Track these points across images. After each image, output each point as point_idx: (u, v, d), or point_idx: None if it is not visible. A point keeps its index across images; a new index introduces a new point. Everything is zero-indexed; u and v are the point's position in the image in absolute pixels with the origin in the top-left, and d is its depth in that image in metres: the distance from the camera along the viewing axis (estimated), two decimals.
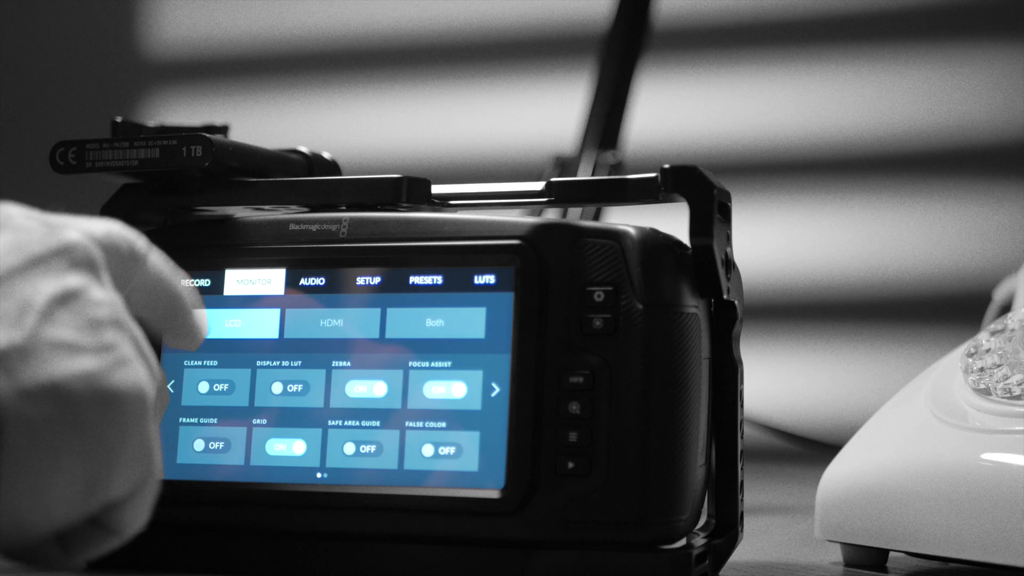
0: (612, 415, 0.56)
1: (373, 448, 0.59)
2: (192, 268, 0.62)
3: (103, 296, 0.42)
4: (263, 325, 0.61)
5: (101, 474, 0.41)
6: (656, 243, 0.57)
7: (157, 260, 0.48)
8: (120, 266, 0.45)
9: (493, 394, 0.57)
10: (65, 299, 0.41)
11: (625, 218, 0.61)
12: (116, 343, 0.42)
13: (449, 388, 0.58)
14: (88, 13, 1.80)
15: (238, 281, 0.62)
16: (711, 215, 0.57)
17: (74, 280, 0.42)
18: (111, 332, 0.42)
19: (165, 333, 0.50)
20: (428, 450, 0.58)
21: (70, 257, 0.42)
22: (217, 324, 0.62)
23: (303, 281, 0.61)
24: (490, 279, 0.58)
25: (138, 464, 0.42)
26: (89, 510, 0.42)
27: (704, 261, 0.57)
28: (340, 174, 0.67)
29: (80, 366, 0.40)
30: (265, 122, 1.67)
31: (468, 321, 0.58)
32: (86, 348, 0.41)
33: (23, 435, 0.38)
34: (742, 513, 0.59)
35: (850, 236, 1.42)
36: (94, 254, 0.43)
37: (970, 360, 0.64)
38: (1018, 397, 0.61)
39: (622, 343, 0.56)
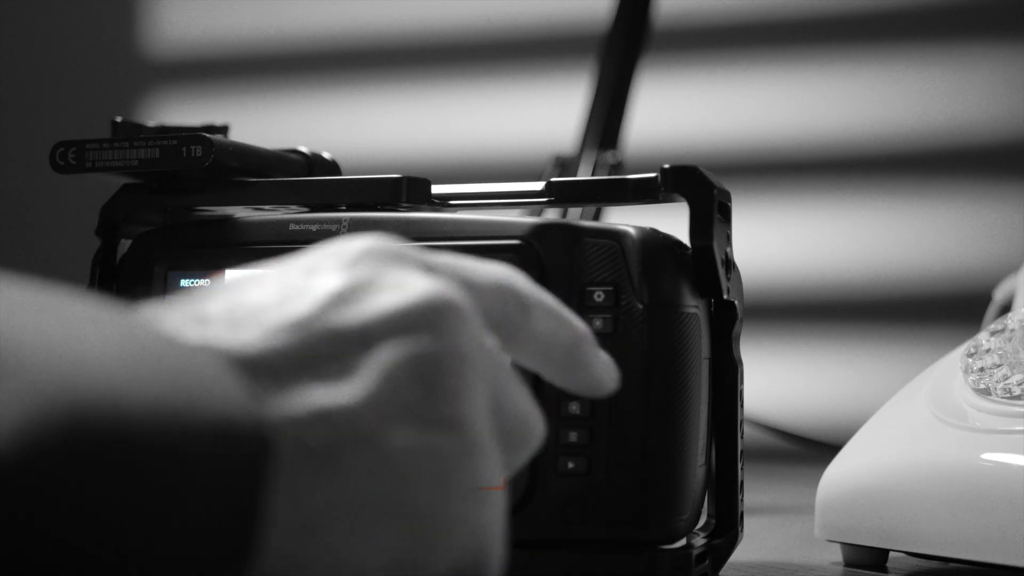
0: (612, 415, 0.56)
1: None
2: (192, 268, 0.62)
3: (461, 359, 0.38)
4: None
5: (418, 552, 0.36)
6: (656, 243, 0.57)
7: (548, 308, 0.44)
8: (506, 319, 0.42)
9: None
10: (418, 362, 0.37)
11: (625, 218, 0.60)
12: (462, 415, 0.37)
13: None
14: (88, 13, 1.80)
15: None
16: (711, 215, 0.57)
17: (432, 343, 0.37)
18: (459, 402, 0.37)
19: (563, 385, 0.46)
20: None
21: (433, 317, 0.38)
22: None
23: None
24: None
25: (465, 547, 0.37)
26: None
27: (704, 261, 0.57)
28: (340, 174, 0.67)
29: (416, 432, 0.36)
30: (265, 122, 1.67)
31: None
32: (427, 416, 0.36)
33: (338, 491, 0.35)
34: (742, 513, 0.59)
35: (850, 236, 1.42)
36: (462, 311, 0.38)
37: (970, 360, 0.64)
38: (1018, 397, 0.61)
39: (622, 343, 0.56)
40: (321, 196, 0.63)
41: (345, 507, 0.35)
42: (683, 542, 0.57)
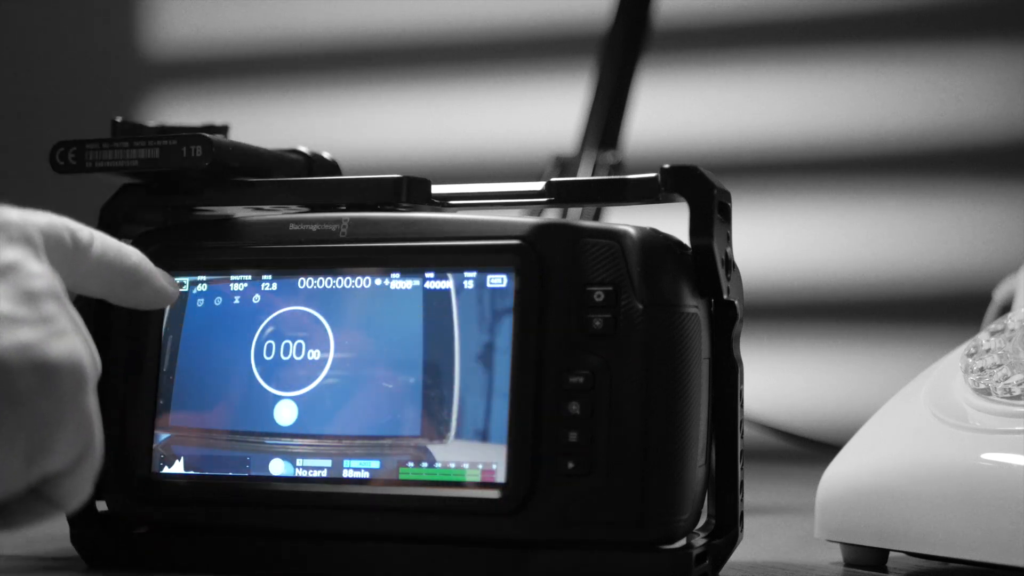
0: (612, 415, 0.56)
1: (373, 447, 0.59)
2: (192, 268, 0.62)
3: (40, 269, 0.43)
4: None
5: (41, 446, 0.41)
6: (656, 243, 0.57)
7: (101, 243, 0.50)
8: (64, 255, 0.47)
9: None
10: (1, 272, 0.42)
11: (625, 218, 0.60)
12: (53, 315, 0.42)
13: None
14: (88, 13, 1.80)
15: (238, 281, 0.62)
16: (711, 215, 0.57)
17: (11, 254, 0.43)
18: (48, 304, 0.42)
19: (134, 305, 0.53)
20: None
21: (6, 233, 0.43)
22: None
23: (303, 281, 0.61)
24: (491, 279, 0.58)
25: (78, 435, 0.42)
26: (29, 482, 0.42)
27: (704, 261, 0.57)
28: (340, 174, 0.67)
29: (16, 337, 0.41)
30: (265, 122, 1.67)
31: None
32: (22, 319, 0.41)
33: None
34: (742, 513, 0.60)
35: (850, 236, 1.42)
36: (31, 231, 0.44)
37: (970, 360, 0.64)
38: (1018, 397, 0.61)
39: (622, 343, 0.56)
40: (321, 196, 0.63)
41: None
42: (683, 542, 0.57)
